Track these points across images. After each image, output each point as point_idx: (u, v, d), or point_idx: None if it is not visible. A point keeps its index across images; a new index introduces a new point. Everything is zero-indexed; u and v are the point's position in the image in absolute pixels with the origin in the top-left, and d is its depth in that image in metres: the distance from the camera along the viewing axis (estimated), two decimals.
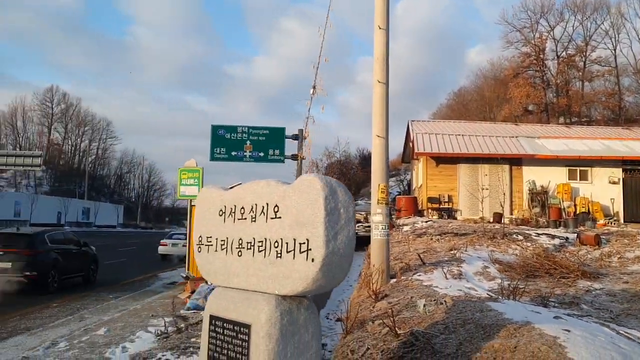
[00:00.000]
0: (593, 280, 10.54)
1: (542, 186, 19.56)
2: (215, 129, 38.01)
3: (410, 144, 23.40)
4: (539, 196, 19.30)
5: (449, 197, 19.92)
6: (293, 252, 3.73)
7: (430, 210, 19.86)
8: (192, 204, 14.04)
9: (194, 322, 8.51)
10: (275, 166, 33.37)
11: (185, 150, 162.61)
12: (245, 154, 37.11)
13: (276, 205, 3.97)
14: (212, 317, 4.31)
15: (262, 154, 36.60)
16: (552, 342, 4.91)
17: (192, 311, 9.88)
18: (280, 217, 3.91)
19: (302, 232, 3.68)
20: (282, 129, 34.66)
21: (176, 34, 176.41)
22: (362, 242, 12.93)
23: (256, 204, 4.18)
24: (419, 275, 9.77)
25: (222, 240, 4.51)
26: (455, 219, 19.02)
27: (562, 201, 18.80)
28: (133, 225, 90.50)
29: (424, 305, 7.17)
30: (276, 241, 3.89)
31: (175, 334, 7.70)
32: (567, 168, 19.90)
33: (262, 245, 4.03)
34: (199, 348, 6.79)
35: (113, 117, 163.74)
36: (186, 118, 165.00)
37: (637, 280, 10.54)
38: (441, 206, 19.81)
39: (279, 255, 3.85)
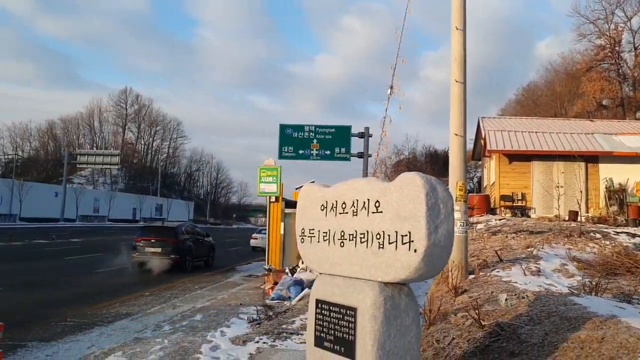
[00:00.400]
0: None
1: (619, 184, 19.01)
2: (283, 128, 38.93)
3: (481, 141, 23.23)
4: (617, 194, 18.76)
5: (522, 195, 19.69)
6: (395, 243, 4.11)
7: (503, 209, 19.70)
8: (271, 200, 14.67)
9: (281, 311, 9.05)
10: (341, 164, 33.85)
11: (249, 149, 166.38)
12: (312, 152, 37.77)
13: (377, 201, 4.35)
14: (317, 301, 4.75)
15: (328, 152, 37.16)
16: (632, 331, 5.07)
17: (276, 301, 10.45)
18: (381, 212, 4.28)
19: (404, 226, 4.05)
20: (349, 127, 35.10)
21: (240, 35, 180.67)
22: None
23: (357, 200, 4.57)
24: (497, 271, 9.92)
25: (324, 233, 4.94)
26: (529, 217, 18.81)
27: None
28: (202, 222, 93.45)
29: (506, 299, 7.38)
30: (378, 233, 4.27)
31: (267, 320, 8.28)
32: None
33: (363, 237, 4.43)
34: (291, 333, 7.33)
35: (181, 117, 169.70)
36: (250, 117, 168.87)
37: None
38: (514, 204, 19.62)
39: (381, 246, 4.23)
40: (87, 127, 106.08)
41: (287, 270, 12.26)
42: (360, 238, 4.46)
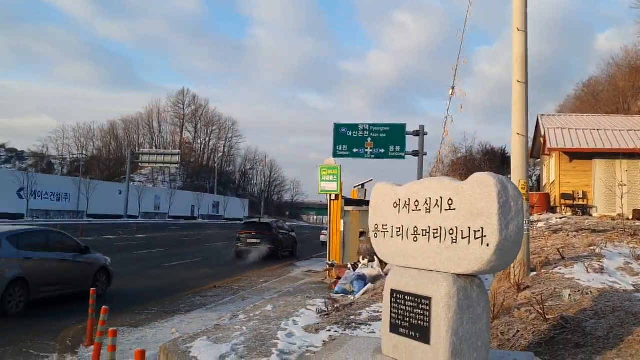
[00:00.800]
0: None
1: None
2: (337, 127, 39.34)
3: (541, 139, 22.96)
4: None
5: (584, 193, 19.39)
6: (468, 238, 4.45)
7: (563, 207, 19.47)
8: (332, 198, 15.12)
9: (346, 304, 9.49)
10: (393, 162, 33.97)
11: (301, 147, 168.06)
12: (366, 150, 38.02)
13: (450, 199, 4.71)
14: (392, 291, 5.15)
15: (382, 151, 37.32)
16: None
17: (340, 295, 10.90)
18: (454, 209, 4.64)
19: (476, 222, 4.39)
20: (403, 126, 35.19)
21: (292, 33, 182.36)
22: None
23: (430, 198, 4.93)
24: (559, 269, 10.02)
25: (397, 228, 5.32)
26: (591, 215, 18.53)
27: None
28: (257, 219, 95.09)
29: (569, 295, 7.56)
30: (451, 229, 4.63)
31: (334, 312, 8.73)
32: None
33: (437, 233, 4.79)
34: (360, 324, 7.76)
35: (235, 116, 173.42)
36: (301, 115, 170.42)
37: None
38: (575, 203, 19.35)
39: (454, 241, 4.58)
40: (146, 127, 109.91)
41: (349, 266, 12.70)
42: (434, 233, 4.82)
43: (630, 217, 17.19)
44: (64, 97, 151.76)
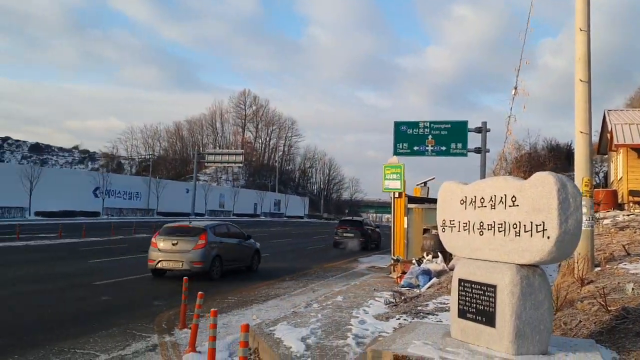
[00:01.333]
0: None
1: None
2: (397, 125, 39.56)
3: (607, 135, 22.52)
4: None
5: None
6: (530, 232, 4.92)
7: (631, 204, 19.12)
8: (396, 196, 15.61)
9: (412, 296, 10.01)
10: (453, 159, 33.95)
11: (359, 145, 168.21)
12: (427, 148, 38.07)
13: (513, 196, 5.18)
14: (460, 280, 5.66)
15: (444, 148, 37.25)
16: None
17: (406, 288, 11.41)
18: (517, 205, 5.11)
19: (538, 217, 4.86)
20: (465, 123, 35.03)
21: (349, 31, 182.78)
22: None
23: (495, 195, 5.42)
24: (624, 264, 10.16)
25: (464, 223, 5.82)
26: None
27: None
28: (317, 217, 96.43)
29: (632, 289, 7.80)
30: (514, 224, 5.10)
31: (402, 303, 9.28)
32: None
33: (501, 227, 5.27)
34: (427, 314, 8.27)
35: (293, 114, 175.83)
36: (358, 113, 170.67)
37: None
38: None
39: (517, 234, 5.06)
40: (210, 127, 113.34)
41: (414, 261, 13.17)
42: (498, 227, 5.31)
43: None
44: (130, 99, 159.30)
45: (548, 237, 4.77)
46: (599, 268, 10.35)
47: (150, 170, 66.16)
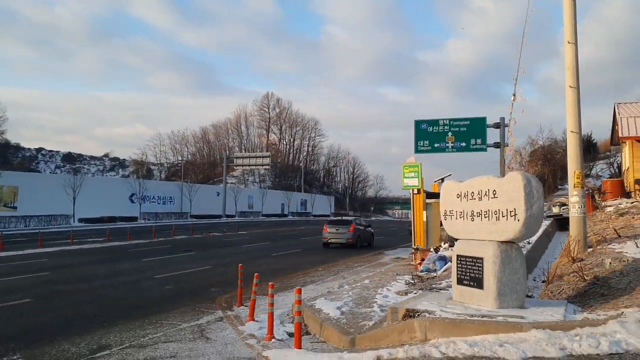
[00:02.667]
0: None
1: None
2: (418, 123, 41.05)
3: (616, 127, 23.81)
4: None
5: None
6: (506, 216, 6.65)
7: (637, 192, 20.44)
8: (414, 192, 17.29)
9: (429, 277, 11.72)
10: (473, 154, 35.27)
11: (382, 142, 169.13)
12: (447, 145, 39.57)
13: (494, 190, 6.90)
14: (458, 256, 7.40)
15: (464, 144, 38.67)
16: None
17: (424, 272, 13.10)
18: (497, 197, 6.83)
19: (511, 205, 6.58)
20: (484, 119, 36.45)
21: (367, 27, 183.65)
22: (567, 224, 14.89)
23: (481, 190, 7.15)
24: (613, 245, 11.70)
25: (459, 212, 7.56)
26: None
27: None
28: (343, 214, 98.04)
29: (610, 263, 9.41)
30: (495, 211, 6.83)
31: (419, 282, 11.01)
32: None
33: (486, 214, 7.00)
34: (440, 289, 9.99)
35: (315, 114, 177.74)
36: (381, 110, 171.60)
37: None
38: None
39: (497, 219, 6.78)
40: (235, 131, 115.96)
41: (431, 249, 14.84)
42: (484, 214, 7.05)
43: None
44: (155, 105, 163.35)
45: (518, 220, 6.51)
46: (591, 249, 11.93)
47: (182, 175, 68.77)
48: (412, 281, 11.30)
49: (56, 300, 10.89)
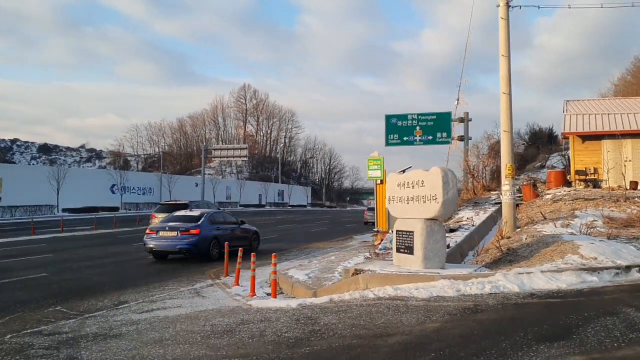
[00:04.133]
0: None
1: None
2: (388, 118, 43.45)
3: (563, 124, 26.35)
4: None
5: (595, 169, 22.82)
6: (430, 200, 8.88)
7: (577, 182, 23.00)
8: (377, 183, 19.52)
9: (385, 254, 13.97)
10: (444, 146, 37.57)
11: (357, 132, 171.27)
12: (415, 138, 42.08)
13: (423, 180, 9.13)
14: (397, 231, 9.63)
15: (430, 137, 41.21)
16: (573, 245, 9.42)
17: (382, 250, 15.34)
18: (424, 186, 9.06)
19: (433, 191, 8.81)
20: (449, 114, 39.01)
21: (342, 17, 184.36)
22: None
23: (414, 180, 9.37)
24: (536, 226, 14.08)
25: (399, 197, 9.78)
26: (600, 188, 21.97)
27: None
28: (319, 205, 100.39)
29: (525, 238, 11.77)
30: (423, 196, 9.05)
31: (375, 257, 13.25)
32: None
33: (417, 199, 9.22)
34: (387, 259, 12.23)
35: (290, 105, 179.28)
36: (356, 100, 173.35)
37: None
38: (587, 178, 22.80)
39: (424, 202, 9.01)
40: (212, 122, 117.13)
41: (390, 231, 17.12)
42: (416, 199, 9.27)
43: (629, 187, 20.68)
44: (128, 96, 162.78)
45: (438, 202, 8.75)
46: (519, 229, 14.32)
47: (161, 166, 70.19)
48: (370, 256, 13.53)
49: (69, 274, 12.86)
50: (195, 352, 5.60)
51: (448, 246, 12.53)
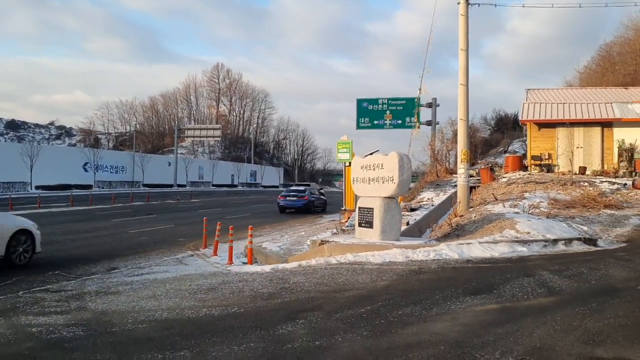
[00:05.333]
0: (617, 210, 15.40)
1: (630, 144, 23.27)
2: (359, 102, 44.69)
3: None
4: (627, 152, 23.13)
5: (549, 155, 24.50)
6: (388, 181, 10.17)
7: (533, 166, 24.65)
8: (346, 165, 20.78)
9: (350, 230, 15.27)
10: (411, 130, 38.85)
11: (331, 113, 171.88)
12: (385, 122, 43.51)
13: (382, 164, 10.40)
14: (359, 208, 10.91)
15: (400, 122, 42.66)
16: (512, 222, 10.84)
17: (348, 227, 16.65)
18: (384, 168, 10.33)
19: (390, 173, 10.10)
20: (418, 99, 40.11)
21: None
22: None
23: (375, 163, 10.63)
24: (487, 206, 15.53)
25: (362, 178, 11.05)
26: (553, 172, 23.68)
27: None
28: (292, 186, 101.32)
29: (474, 216, 13.18)
30: (382, 177, 10.33)
31: (341, 232, 14.55)
32: None
33: (377, 180, 10.50)
34: (352, 236, 13.54)
35: (263, 84, 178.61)
36: (330, 81, 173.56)
37: None
38: (542, 162, 24.48)
39: (383, 183, 10.30)
40: (184, 101, 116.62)
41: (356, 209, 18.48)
42: (376, 179, 10.54)
43: (577, 172, 22.40)
44: (96, 72, 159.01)
45: (394, 183, 10.03)
46: (472, 208, 15.76)
47: (133, 144, 70.30)
48: (337, 232, 14.81)
49: (57, 245, 13.80)
50: (186, 303, 6.77)
51: (407, 223, 13.93)
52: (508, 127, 53.87)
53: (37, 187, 45.54)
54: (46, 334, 5.51)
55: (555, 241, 9.99)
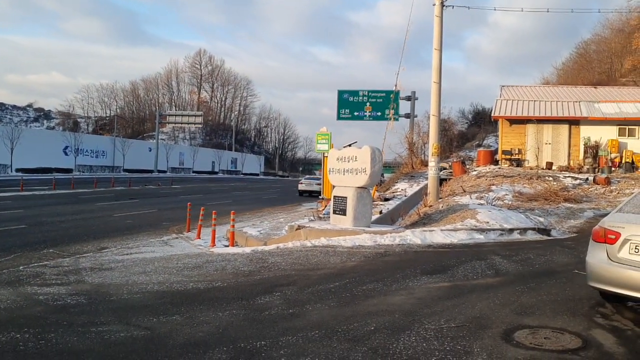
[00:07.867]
0: (577, 204, 16.53)
1: (595, 141, 24.55)
2: (340, 93, 45.53)
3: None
4: (592, 149, 24.38)
5: (519, 150, 25.65)
6: (361, 172, 11.05)
7: (504, 161, 25.80)
8: (325, 155, 21.60)
9: (327, 218, 16.15)
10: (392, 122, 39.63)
11: (313, 102, 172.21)
12: (365, 114, 44.44)
13: (356, 156, 11.27)
14: (334, 196, 11.76)
15: (379, 114, 43.64)
16: (474, 212, 11.81)
17: (325, 215, 17.50)
18: (357, 160, 11.21)
19: (363, 165, 10.97)
20: (397, 92, 41.12)
21: None
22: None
23: (349, 156, 11.50)
24: (455, 197, 16.54)
25: (337, 169, 11.90)
26: (522, 167, 24.85)
27: (609, 153, 23.74)
28: (272, 174, 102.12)
29: (441, 207, 14.14)
30: (356, 169, 11.21)
31: (317, 219, 15.42)
32: (618, 127, 24.57)
33: (351, 171, 11.37)
34: (327, 222, 14.41)
35: (246, 71, 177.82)
36: (312, 70, 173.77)
37: (609, 203, 16.36)
38: (512, 157, 25.63)
39: (356, 174, 11.18)
40: (166, 86, 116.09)
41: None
42: (350, 171, 11.41)
43: (544, 167, 23.56)
44: (74, 53, 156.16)
45: (367, 174, 10.91)
46: (441, 200, 16.75)
47: (114, 129, 70.24)
48: (314, 219, 15.67)
49: (47, 227, 14.45)
50: (174, 278, 7.58)
51: (380, 212, 14.86)
52: (485, 121, 55.12)
53: (17, 170, 45.61)
54: (52, 301, 6.28)
55: (511, 230, 10.98)
